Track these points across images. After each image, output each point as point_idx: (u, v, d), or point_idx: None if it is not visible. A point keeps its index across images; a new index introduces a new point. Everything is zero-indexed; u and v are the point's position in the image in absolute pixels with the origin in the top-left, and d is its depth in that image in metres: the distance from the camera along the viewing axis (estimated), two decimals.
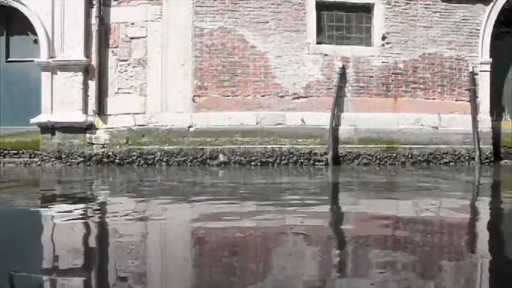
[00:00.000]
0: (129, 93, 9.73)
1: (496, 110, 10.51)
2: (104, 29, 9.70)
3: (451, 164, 9.95)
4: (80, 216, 5.10)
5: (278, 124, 9.76)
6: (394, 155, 9.92)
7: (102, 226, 4.72)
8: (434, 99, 10.13)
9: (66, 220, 4.84)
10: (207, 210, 5.50)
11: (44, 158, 9.66)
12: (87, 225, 4.69)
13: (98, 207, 5.71)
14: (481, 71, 10.22)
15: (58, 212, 5.36)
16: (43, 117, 9.65)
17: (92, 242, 4.28)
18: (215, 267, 3.36)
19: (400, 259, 3.44)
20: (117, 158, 9.63)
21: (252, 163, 9.60)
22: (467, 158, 10.04)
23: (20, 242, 3.98)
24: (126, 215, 5.14)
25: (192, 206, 5.82)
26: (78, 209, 5.50)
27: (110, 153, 9.65)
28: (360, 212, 5.48)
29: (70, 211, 5.34)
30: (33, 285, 2.96)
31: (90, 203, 6.00)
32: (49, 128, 9.72)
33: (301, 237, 4.10)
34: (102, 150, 9.70)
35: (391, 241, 4.08)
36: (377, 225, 4.63)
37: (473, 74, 10.16)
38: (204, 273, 3.29)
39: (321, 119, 9.74)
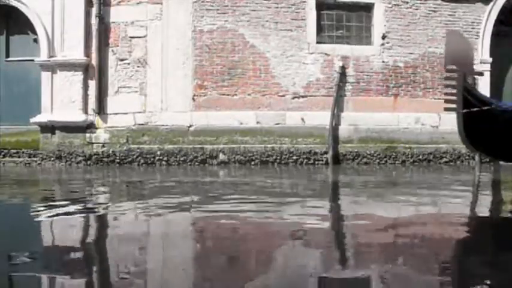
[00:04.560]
0: (129, 92, 9.73)
1: None
2: (104, 28, 9.70)
3: (451, 163, 9.95)
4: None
5: (278, 123, 9.76)
6: (394, 154, 9.91)
7: None
8: (434, 98, 10.12)
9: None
10: None
11: (44, 157, 9.64)
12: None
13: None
14: (481, 70, 10.20)
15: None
16: (43, 117, 9.65)
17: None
18: None
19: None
20: (117, 157, 9.61)
21: (252, 162, 9.58)
22: (467, 157, 10.03)
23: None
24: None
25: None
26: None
27: (110, 152, 9.64)
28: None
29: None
30: None
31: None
32: (49, 128, 9.71)
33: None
34: (102, 149, 9.69)
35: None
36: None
37: None
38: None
39: (321, 118, 9.73)
